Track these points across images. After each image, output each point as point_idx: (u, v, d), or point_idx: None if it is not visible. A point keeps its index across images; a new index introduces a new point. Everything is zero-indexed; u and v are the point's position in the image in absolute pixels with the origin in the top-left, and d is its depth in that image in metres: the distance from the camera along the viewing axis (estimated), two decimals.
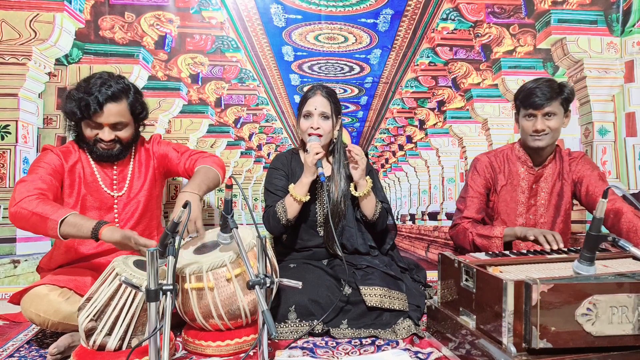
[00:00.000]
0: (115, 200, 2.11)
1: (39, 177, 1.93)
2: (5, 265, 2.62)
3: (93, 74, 2.06)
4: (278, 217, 2.15)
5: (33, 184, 1.88)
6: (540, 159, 2.33)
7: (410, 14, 2.88)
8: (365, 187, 2.16)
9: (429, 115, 3.04)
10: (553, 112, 2.19)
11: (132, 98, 2.04)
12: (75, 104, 1.94)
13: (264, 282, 1.51)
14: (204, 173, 2.06)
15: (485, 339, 1.51)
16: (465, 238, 2.28)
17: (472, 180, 2.39)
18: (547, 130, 2.20)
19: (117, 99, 1.98)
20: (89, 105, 1.91)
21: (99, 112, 1.94)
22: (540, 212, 2.34)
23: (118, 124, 2.01)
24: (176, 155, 2.22)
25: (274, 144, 2.96)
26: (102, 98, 1.93)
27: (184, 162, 2.20)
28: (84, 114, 1.93)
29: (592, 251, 1.53)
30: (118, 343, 1.62)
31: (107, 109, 1.95)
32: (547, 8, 2.95)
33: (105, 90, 1.94)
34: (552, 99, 2.17)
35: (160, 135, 2.32)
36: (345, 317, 1.95)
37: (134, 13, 2.72)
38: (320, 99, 2.22)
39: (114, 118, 1.98)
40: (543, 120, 2.19)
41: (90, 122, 1.97)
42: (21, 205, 1.79)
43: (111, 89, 1.96)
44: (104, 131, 1.99)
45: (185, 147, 2.30)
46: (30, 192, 1.84)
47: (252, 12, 2.80)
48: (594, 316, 1.39)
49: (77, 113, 1.94)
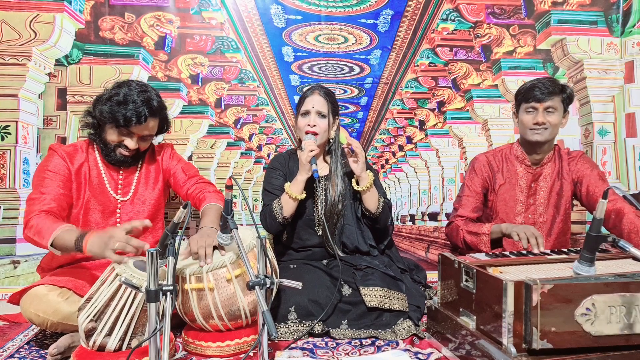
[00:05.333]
0: (118, 204, 2.11)
1: (42, 190, 1.93)
2: (5, 266, 2.62)
3: (129, 80, 2.05)
4: (274, 215, 2.16)
5: (36, 204, 1.89)
6: (538, 157, 2.33)
7: (410, 15, 2.88)
8: (367, 180, 2.16)
9: (429, 116, 3.04)
10: (554, 107, 2.21)
11: (164, 114, 2.10)
12: (118, 109, 1.92)
13: (264, 282, 1.51)
14: (216, 211, 2.03)
15: (485, 340, 1.51)
16: (457, 235, 2.30)
17: (469, 179, 2.40)
18: (547, 124, 2.22)
19: (156, 115, 2.03)
20: (132, 117, 1.92)
21: (142, 125, 1.96)
22: (539, 211, 2.34)
23: (148, 136, 2.06)
24: (183, 177, 2.22)
25: (274, 145, 2.96)
26: (148, 112, 1.95)
27: (187, 187, 2.22)
28: (126, 123, 1.93)
29: (592, 252, 1.53)
30: (118, 344, 1.62)
31: (148, 123, 1.99)
32: (547, 9, 2.96)
33: (151, 105, 1.98)
34: (554, 94, 2.21)
35: (172, 146, 2.32)
36: (345, 318, 1.95)
37: (134, 14, 2.72)
38: (318, 97, 2.24)
39: (148, 131, 2.03)
40: (544, 113, 2.22)
41: (122, 130, 1.97)
42: (26, 233, 1.86)
43: (155, 104, 2.00)
44: (131, 140, 2.00)
45: (194, 171, 2.28)
46: (32, 213, 1.86)
47: (252, 13, 2.80)
48: (593, 316, 1.39)
49: (119, 120, 1.92)
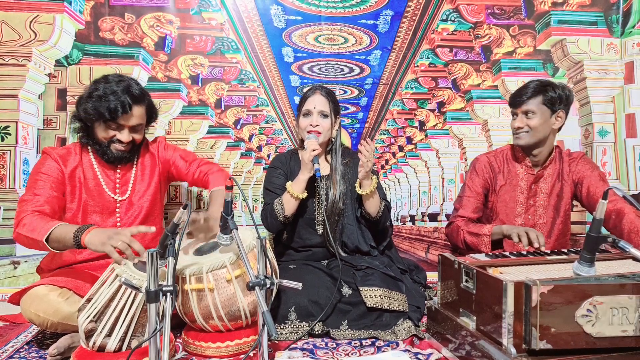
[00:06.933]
0: (117, 204, 2.11)
1: (35, 192, 1.93)
2: (5, 267, 2.62)
3: (105, 75, 2.05)
4: (275, 214, 2.17)
5: (29, 204, 1.89)
6: (535, 159, 2.33)
7: (410, 15, 2.88)
8: (370, 186, 2.15)
9: (429, 117, 3.04)
10: (532, 111, 2.21)
11: (148, 101, 2.08)
12: (100, 104, 1.92)
13: (264, 283, 1.50)
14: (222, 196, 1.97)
15: (485, 340, 1.51)
16: (457, 236, 2.29)
17: (470, 179, 2.40)
18: (526, 128, 2.22)
19: (141, 102, 2.02)
20: (117, 107, 1.92)
21: (128, 114, 1.96)
22: (539, 213, 2.34)
23: (138, 125, 2.04)
24: (184, 164, 2.23)
25: (274, 145, 2.96)
26: (131, 100, 1.95)
27: (193, 171, 2.22)
28: (112, 115, 1.93)
29: (592, 252, 1.53)
30: (118, 344, 1.61)
31: (134, 111, 1.98)
32: (547, 9, 2.96)
33: (132, 92, 1.97)
34: (531, 97, 2.21)
35: (165, 138, 2.33)
36: (345, 318, 1.95)
37: (134, 14, 2.72)
38: (319, 97, 2.25)
39: (136, 120, 2.01)
40: (522, 117, 2.23)
41: (111, 124, 1.97)
42: (17, 231, 1.84)
43: (136, 91, 1.99)
44: (123, 133, 2.00)
45: (193, 156, 2.30)
46: (25, 212, 1.86)
47: (252, 13, 2.80)
48: (594, 317, 1.39)
49: (104, 114, 1.92)
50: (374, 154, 2.09)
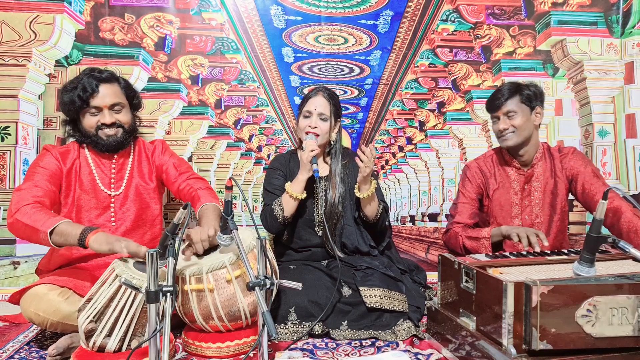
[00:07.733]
0: (112, 199, 2.11)
1: (35, 183, 1.93)
2: (5, 267, 2.62)
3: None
4: (275, 215, 2.17)
5: (29, 192, 1.88)
6: (523, 159, 2.33)
7: (410, 15, 2.88)
8: (368, 190, 2.15)
9: (429, 117, 3.04)
10: (513, 111, 2.24)
11: (123, 83, 2.13)
12: (72, 93, 1.99)
13: (264, 283, 1.50)
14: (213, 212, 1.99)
15: (485, 341, 1.51)
16: (456, 242, 2.29)
17: (462, 186, 2.42)
18: (511, 128, 2.25)
19: (110, 81, 2.06)
20: (85, 88, 1.98)
21: (96, 93, 2.00)
22: (535, 212, 2.34)
23: (116, 104, 2.06)
24: (175, 173, 2.21)
25: (274, 146, 2.96)
26: (96, 80, 2.01)
27: (179, 183, 2.20)
28: (83, 98, 1.98)
29: (592, 252, 1.53)
30: (118, 344, 1.61)
31: (102, 88, 2.02)
32: (547, 9, 2.96)
33: (97, 74, 2.04)
34: (509, 98, 2.25)
35: (164, 141, 2.32)
36: (345, 319, 1.95)
37: (134, 14, 2.72)
38: (321, 99, 2.25)
39: (111, 99, 2.04)
40: (505, 119, 2.26)
41: (89, 109, 2.02)
42: (16, 217, 1.81)
43: (102, 73, 2.06)
44: (104, 114, 2.03)
45: (186, 167, 2.27)
46: (26, 201, 1.84)
47: (252, 14, 2.80)
48: (594, 317, 1.39)
49: (75, 101, 1.99)
50: (373, 160, 2.07)
